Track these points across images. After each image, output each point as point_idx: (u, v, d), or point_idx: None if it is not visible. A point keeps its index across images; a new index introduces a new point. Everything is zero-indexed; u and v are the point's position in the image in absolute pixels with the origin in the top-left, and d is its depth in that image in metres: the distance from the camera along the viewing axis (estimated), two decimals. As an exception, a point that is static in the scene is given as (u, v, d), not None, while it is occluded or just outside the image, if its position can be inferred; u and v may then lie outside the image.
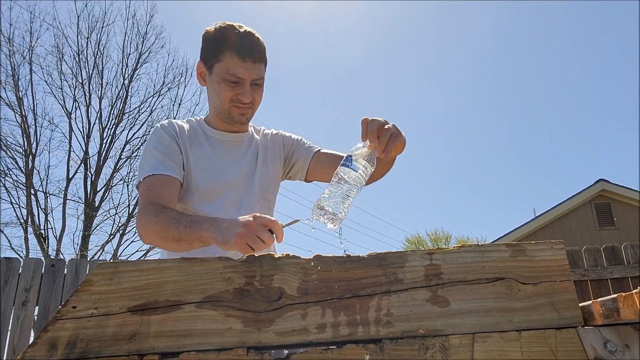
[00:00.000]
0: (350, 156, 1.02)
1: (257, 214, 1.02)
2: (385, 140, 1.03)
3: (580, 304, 0.73)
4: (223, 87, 1.26)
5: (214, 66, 1.27)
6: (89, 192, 11.17)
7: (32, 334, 3.14)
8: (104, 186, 11.42)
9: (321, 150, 1.46)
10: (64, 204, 10.88)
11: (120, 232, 11.35)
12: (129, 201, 11.58)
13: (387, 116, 1.10)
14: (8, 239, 10.29)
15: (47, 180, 10.76)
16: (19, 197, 10.40)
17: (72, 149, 11.08)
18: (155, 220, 1.14)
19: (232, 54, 1.23)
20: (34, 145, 10.64)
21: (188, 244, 1.10)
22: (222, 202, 1.31)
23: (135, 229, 11.54)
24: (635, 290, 0.62)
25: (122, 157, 11.68)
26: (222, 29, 1.26)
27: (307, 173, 1.46)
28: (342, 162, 1.02)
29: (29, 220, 10.38)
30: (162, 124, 1.36)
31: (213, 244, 1.05)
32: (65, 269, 3.33)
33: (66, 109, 11.06)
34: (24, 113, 10.51)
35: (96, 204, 11.21)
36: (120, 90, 11.64)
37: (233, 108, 1.29)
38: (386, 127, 1.05)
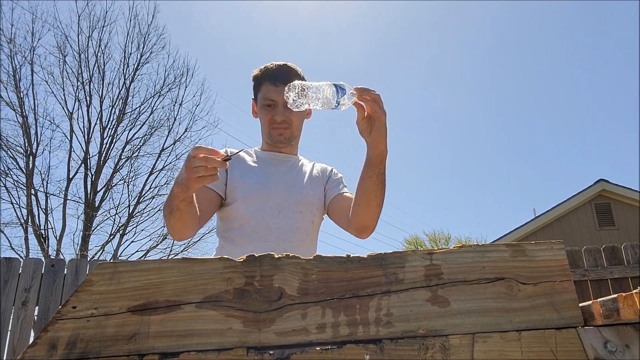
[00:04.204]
0: (343, 90, 1.10)
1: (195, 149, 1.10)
2: (368, 96, 1.10)
3: (580, 304, 0.73)
4: (262, 112, 1.46)
5: (257, 97, 1.47)
6: (89, 192, 11.17)
7: (32, 334, 3.14)
8: (104, 186, 11.42)
9: (344, 194, 1.51)
10: (64, 204, 10.88)
11: (120, 232, 11.34)
12: (129, 201, 11.58)
13: (386, 115, 1.12)
14: (8, 239, 10.29)
15: (47, 180, 10.76)
16: (19, 197, 10.40)
17: (72, 149, 11.09)
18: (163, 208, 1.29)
19: (267, 83, 1.43)
20: (34, 146, 10.63)
21: (177, 210, 1.20)
22: (263, 206, 1.39)
23: (135, 228, 11.60)
24: (635, 290, 0.62)
25: (122, 158, 11.68)
26: (262, 68, 1.47)
27: (328, 210, 1.53)
28: (335, 86, 1.10)
29: (29, 220, 10.37)
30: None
31: (182, 195, 1.16)
32: (65, 269, 3.33)
33: (67, 109, 11.06)
34: (24, 113, 10.51)
35: (96, 204, 11.21)
36: (121, 90, 11.65)
37: (272, 130, 1.46)
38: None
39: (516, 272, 0.74)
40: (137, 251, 11.55)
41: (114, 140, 11.63)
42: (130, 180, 11.65)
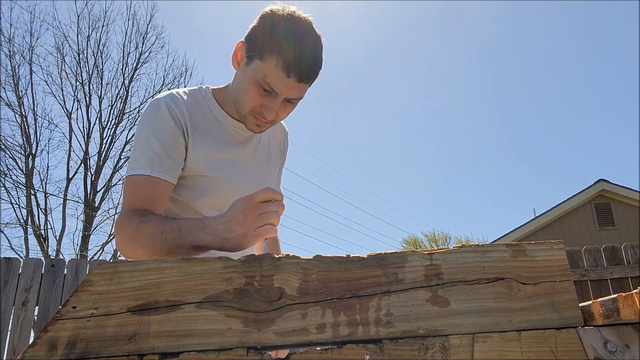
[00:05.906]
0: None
1: (245, 197, 0.92)
2: None
3: (581, 304, 0.73)
4: (252, 90, 1.10)
5: (254, 61, 1.07)
6: (88, 192, 11.18)
7: (32, 334, 3.14)
8: (104, 186, 11.43)
9: None
10: (64, 204, 10.90)
11: (120, 232, 11.33)
12: (129, 201, 11.57)
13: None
14: (8, 239, 10.32)
15: (47, 180, 10.78)
16: (19, 197, 10.43)
17: (72, 149, 11.10)
18: (134, 233, 1.01)
19: (278, 62, 1.03)
20: (34, 146, 10.66)
21: (182, 254, 0.99)
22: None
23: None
24: (635, 290, 0.62)
25: (122, 157, 11.69)
26: (284, 23, 1.05)
27: None
28: None
29: (29, 220, 10.39)
30: (166, 102, 1.15)
31: (208, 247, 0.97)
32: (65, 269, 3.33)
33: (66, 109, 11.09)
34: (24, 113, 10.54)
35: (96, 204, 11.22)
36: (120, 90, 11.67)
37: (250, 116, 1.14)
38: None
39: (516, 272, 0.74)
40: (137, 251, 11.54)
41: (114, 140, 11.66)
42: (130, 180, 11.64)
